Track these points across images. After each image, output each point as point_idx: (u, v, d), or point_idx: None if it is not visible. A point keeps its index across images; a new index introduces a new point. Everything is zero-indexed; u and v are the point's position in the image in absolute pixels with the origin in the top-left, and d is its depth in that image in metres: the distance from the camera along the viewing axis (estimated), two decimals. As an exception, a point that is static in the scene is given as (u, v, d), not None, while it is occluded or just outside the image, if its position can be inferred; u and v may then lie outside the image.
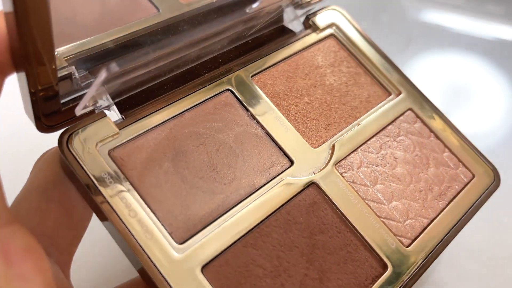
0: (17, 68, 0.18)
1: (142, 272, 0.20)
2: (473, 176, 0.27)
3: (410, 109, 0.28)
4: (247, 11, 0.20)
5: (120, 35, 0.24)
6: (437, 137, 0.28)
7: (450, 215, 0.25)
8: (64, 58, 0.22)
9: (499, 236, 0.35)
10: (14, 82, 0.19)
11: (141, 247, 0.19)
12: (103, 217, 0.20)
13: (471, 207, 0.26)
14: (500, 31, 0.51)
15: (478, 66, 0.47)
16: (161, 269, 0.19)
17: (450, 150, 0.28)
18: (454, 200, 0.26)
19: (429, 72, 0.47)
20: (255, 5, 0.20)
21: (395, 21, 0.51)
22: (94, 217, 0.22)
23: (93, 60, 0.23)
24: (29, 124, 0.21)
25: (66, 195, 0.21)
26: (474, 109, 0.44)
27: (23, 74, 0.18)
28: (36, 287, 0.15)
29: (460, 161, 0.28)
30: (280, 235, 0.22)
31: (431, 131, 0.28)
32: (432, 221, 0.25)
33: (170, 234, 0.20)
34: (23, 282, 0.15)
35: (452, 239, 0.25)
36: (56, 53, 0.22)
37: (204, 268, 0.20)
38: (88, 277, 0.26)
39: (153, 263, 0.19)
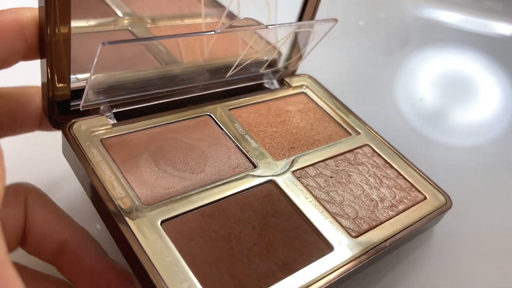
0: (41, 55, 0.24)
1: (114, 230, 0.23)
2: (425, 198, 0.30)
3: (367, 144, 0.33)
4: (216, 31, 0.26)
5: (127, 74, 0.31)
6: (391, 166, 0.32)
7: (399, 221, 0.28)
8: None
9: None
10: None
11: (111, 199, 0.23)
12: (86, 184, 0.24)
13: (421, 219, 0.28)
14: (499, 27, 0.51)
15: (476, 62, 0.48)
16: (126, 215, 0.22)
17: (404, 177, 0.31)
18: (404, 212, 0.28)
19: (428, 68, 0.47)
20: (219, 30, 0.26)
21: (393, 17, 0.51)
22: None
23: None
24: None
25: None
26: (473, 105, 0.44)
27: (44, 62, 0.24)
28: None
29: (413, 185, 0.31)
30: (236, 213, 0.25)
31: (386, 162, 0.32)
32: (380, 223, 0.27)
33: (139, 198, 0.24)
34: None
35: (399, 239, 0.27)
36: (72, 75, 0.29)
37: (163, 222, 0.23)
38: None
39: (120, 211, 0.23)
